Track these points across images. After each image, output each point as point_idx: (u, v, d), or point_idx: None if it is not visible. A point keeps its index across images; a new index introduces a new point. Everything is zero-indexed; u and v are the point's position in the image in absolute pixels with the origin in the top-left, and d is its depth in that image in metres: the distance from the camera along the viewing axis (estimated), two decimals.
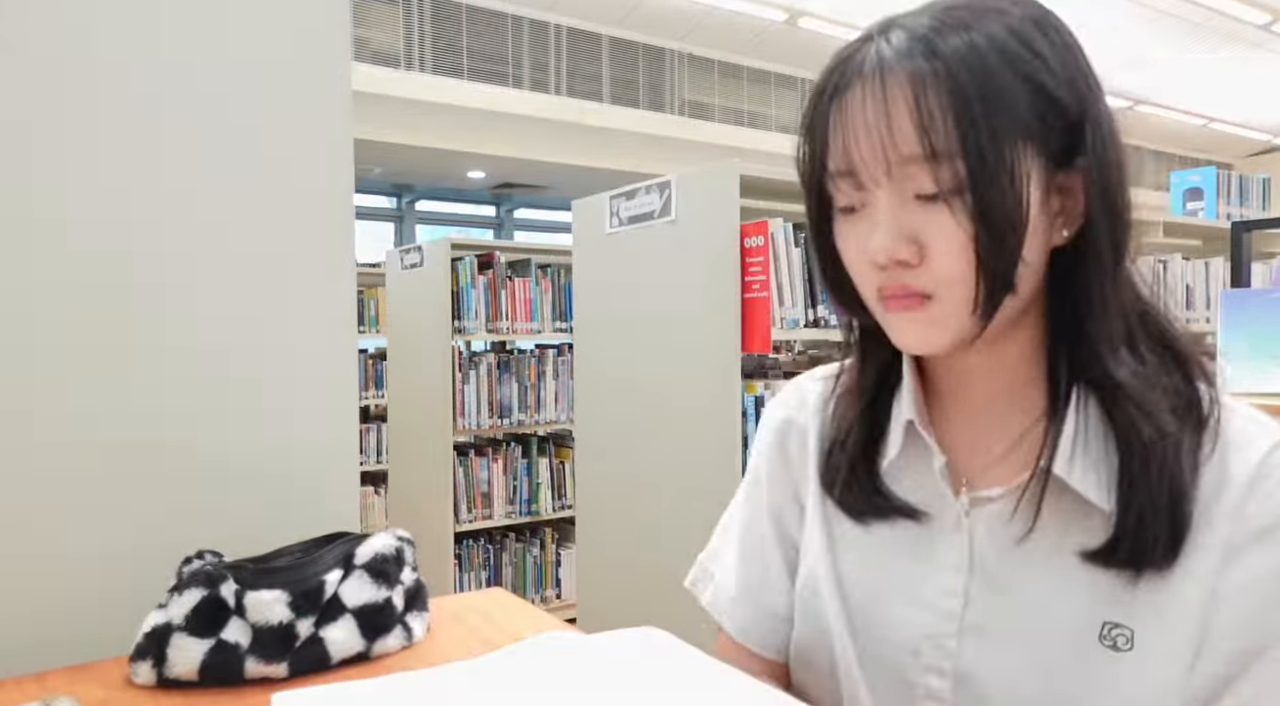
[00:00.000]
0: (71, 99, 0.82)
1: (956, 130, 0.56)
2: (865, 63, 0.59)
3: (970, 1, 0.59)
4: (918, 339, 0.62)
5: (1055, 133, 0.59)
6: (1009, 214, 0.57)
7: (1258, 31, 6.56)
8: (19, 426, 0.79)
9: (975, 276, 0.58)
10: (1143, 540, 0.57)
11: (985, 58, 0.56)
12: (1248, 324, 2.06)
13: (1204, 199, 3.28)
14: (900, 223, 0.59)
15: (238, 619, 0.72)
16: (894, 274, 0.60)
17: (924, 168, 0.57)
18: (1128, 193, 0.61)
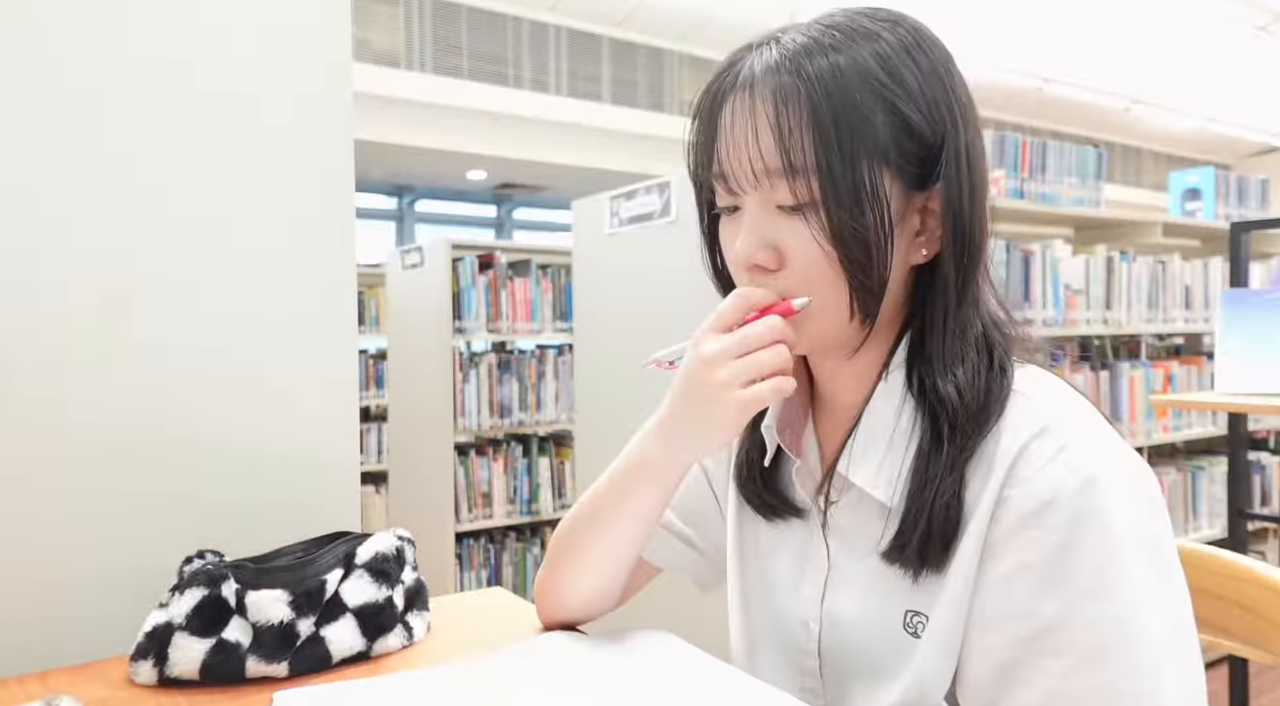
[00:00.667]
0: (72, 99, 0.82)
1: (813, 147, 0.59)
2: (740, 74, 0.63)
3: (850, 22, 0.62)
4: None
5: (912, 158, 0.62)
6: (860, 229, 0.60)
7: (1258, 31, 6.56)
8: (19, 427, 0.79)
9: (831, 285, 0.62)
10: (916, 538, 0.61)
11: (848, 82, 0.59)
12: (1247, 324, 2.06)
13: (1203, 199, 3.28)
14: (762, 230, 0.63)
15: (238, 618, 0.72)
16: (758, 278, 0.64)
17: (783, 180, 0.60)
18: (982, 218, 0.64)
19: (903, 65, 0.61)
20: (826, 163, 0.59)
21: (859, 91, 0.59)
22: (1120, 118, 8.25)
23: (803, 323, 0.64)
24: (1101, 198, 2.86)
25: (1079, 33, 6.35)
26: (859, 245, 0.60)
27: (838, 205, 0.59)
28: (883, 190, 0.60)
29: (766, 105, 0.61)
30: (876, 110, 0.60)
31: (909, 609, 0.63)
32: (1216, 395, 2.11)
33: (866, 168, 0.60)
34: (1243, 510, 2.39)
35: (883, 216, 0.60)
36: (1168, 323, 2.89)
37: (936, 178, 0.62)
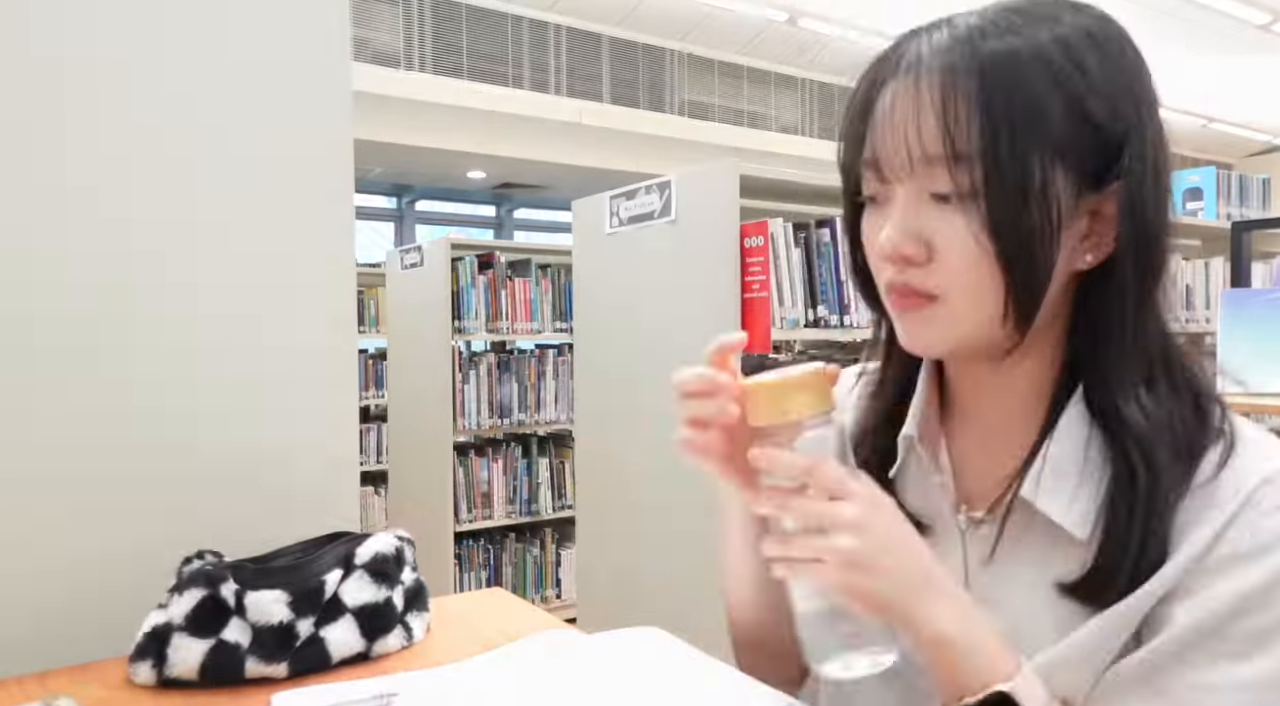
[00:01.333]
0: (72, 99, 0.82)
1: (980, 134, 0.55)
2: (905, 57, 0.58)
3: (1029, 5, 0.58)
4: (917, 339, 0.62)
5: (1089, 153, 0.57)
6: (1024, 225, 0.55)
7: (1258, 31, 6.55)
8: (19, 427, 0.79)
9: (985, 283, 0.57)
10: (1113, 576, 0.56)
11: (1023, 66, 0.55)
12: (1248, 324, 2.06)
13: (1204, 199, 3.28)
14: (911, 219, 0.58)
15: (238, 619, 0.72)
16: (901, 270, 0.59)
17: (944, 168, 0.56)
18: (1166, 223, 0.59)
19: (1085, 51, 0.56)
20: (994, 150, 0.54)
21: (1035, 77, 0.55)
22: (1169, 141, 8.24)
23: (943, 321, 0.59)
24: None
25: None
26: (1020, 242, 0.55)
27: (1001, 197, 0.55)
28: (1053, 185, 0.55)
29: (933, 87, 0.56)
30: (1053, 98, 0.55)
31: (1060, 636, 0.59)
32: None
33: (1037, 159, 0.55)
34: None
35: (1050, 213, 0.55)
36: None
37: (1116, 176, 0.57)
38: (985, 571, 0.63)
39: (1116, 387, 0.59)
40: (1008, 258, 0.56)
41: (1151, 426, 0.57)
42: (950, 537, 0.66)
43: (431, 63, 5.68)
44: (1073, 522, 0.59)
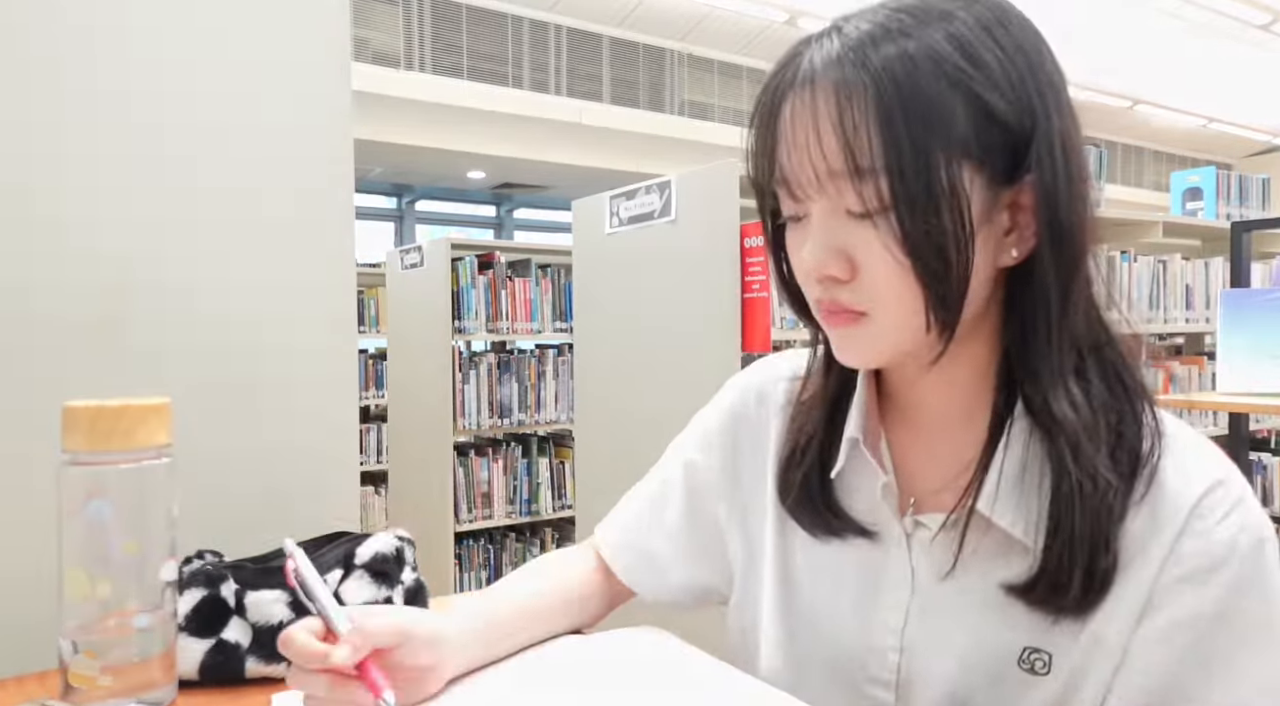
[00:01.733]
0: (72, 99, 0.82)
1: (881, 147, 0.53)
2: (799, 70, 0.57)
3: (921, 2, 0.56)
4: (849, 354, 0.61)
5: (998, 149, 0.55)
6: (938, 233, 0.54)
7: (1258, 31, 6.55)
8: (19, 427, 0.79)
9: (909, 295, 0.56)
10: (1061, 582, 0.56)
11: (918, 69, 0.53)
12: (1247, 324, 2.06)
13: (1204, 199, 3.28)
14: (831, 238, 0.57)
15: (238, 618, 0.72)
16: (828, 288, 0.59)
17: (850, 184, 0.55)
18: (1085, 211, 0.58)
19: (982, 46, 0.55)
20: (897, 163, 0.53)
21: (932, 80, 0.53)
22: (1121, 117, 8.25)
23: (873, 336, 0.59)
24: (1102, 197, 2.85)
25: (1079, 33, 6.35)
26: (935, 253, 0.55)
27: (910, 210, 0.54)
28: (963, 188, 0.54)
29: (828, 102, 0.55)
30: (954, 99, 0.54)
31: (1028, 646, 0.59)
32: (1217, 395, 2.10)
33: (943, 165, 0.54)
34: None
35: (962, 218, 0.54)
36: (1168, 322, 2.89)
37: (1028, 168, 0.56)
38: (932, 574, 0.63)
39: (1046, 382, 0.58)
40: (925, 269, 0.55)
41: (1082, 421, 0.57)
42: (895, 542, 0.65)
43: (431, 63, 5.68)
44: (1023, 531, 0.58)
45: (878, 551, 0.66)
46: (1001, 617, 0.60)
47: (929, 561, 0.63)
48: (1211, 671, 0.55)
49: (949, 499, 0.62)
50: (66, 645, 0.62)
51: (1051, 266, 0.57)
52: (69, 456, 0.63)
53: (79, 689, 0.61)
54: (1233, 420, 2.39)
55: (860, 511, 0.67)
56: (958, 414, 0.64)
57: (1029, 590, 0.58)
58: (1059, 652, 0.58)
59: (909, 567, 0.64)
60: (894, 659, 0.64)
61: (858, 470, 0.67)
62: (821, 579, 0.68)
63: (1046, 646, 0.58)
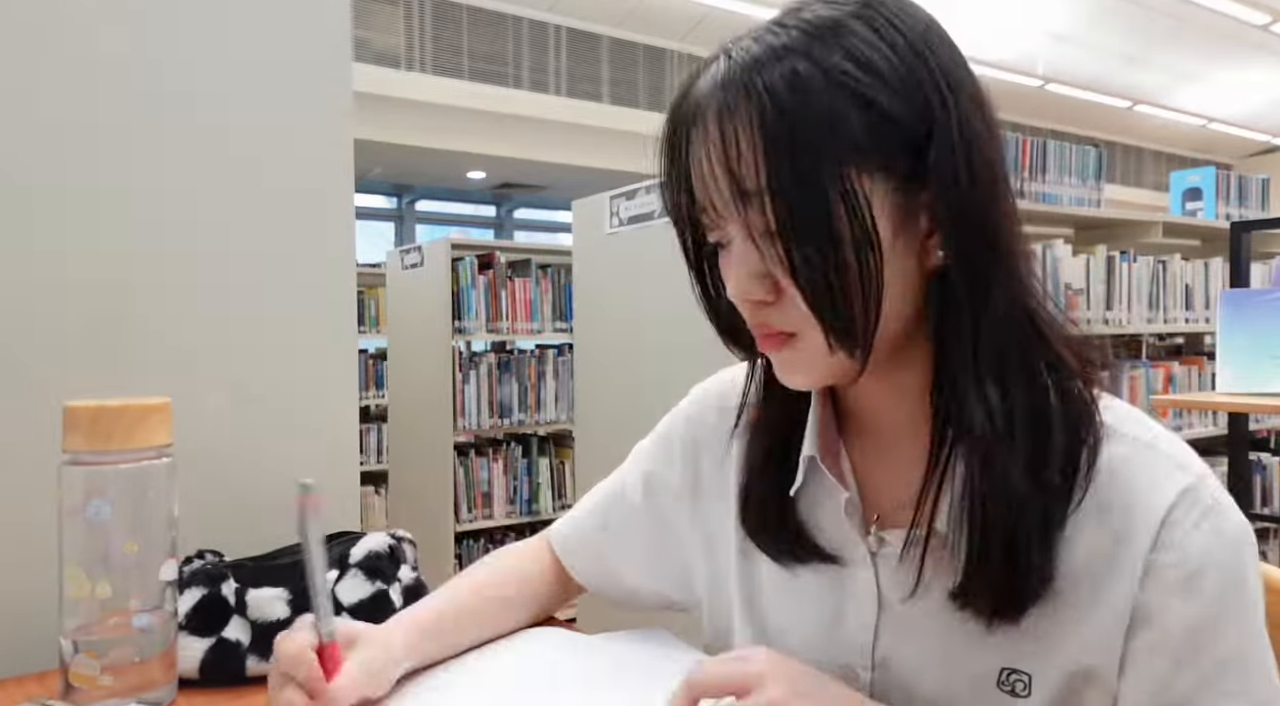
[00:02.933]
0: (71, 99, 0.82)
1: (765, 169, 0.52)
2: (692, 97, 0.56)
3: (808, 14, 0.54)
4: (792, 377, 0.59)
5: (898, 152, 0.53)
6: (833, 255, 0.52)
7: (1258, 31, 6.56)
8: (19, 427, 0.79)
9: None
10: (984, 587, 0.55)
11: (808, 88, 0.51)
12: (1247, 324, 2.06)
13: (1203, 199, 3.28)
14: (750, 261, 0.55)
15: (238, 617, 0.72)
16: (757, 312, 0.57)
17: (753, 206, 0.53)
18: (998, 206, 0.55)
19: (873, 51, 0.52)
20: (779, 185, 0.52)
21: (822, 95, 0.51)
22: (1120, 118, 8.25)
23: (807, 355, 0.57)
24: (1102, 197, 2.86)
25: (1079, 33, 6.35)
26: (823, 279, 0.52)
27: (798, 234, 0.52)
28: (862, 201, 0.52)
29: (712, 129, 0.54)
30: (847, 109, 0.51)
31: (1005, 666, 0.57)
32: (1217, 395, 2.11)
33: (837, 181, 0.51)
34: (1244, 510, 2.39)
35: (866, 234, 0.52)
36: (1168, 323, 2.89)
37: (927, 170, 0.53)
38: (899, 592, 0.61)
39: (961, 389, 0.55)
40: (815, 295, 0.53)
41: (996, 429, 0.54)
42: (860, 561, 0.63)
43: (431, 63, 5.68)
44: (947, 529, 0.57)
45: (844, 572, 0.64)
46: (973, 637, 0.58)
47: (895, 581, 0.61)
48: (1208, 678, 0.54)
49: (908, 516, 0.60)
50: (67, 645, 0.62)
51: (964, 268, 0.54)
52: (69, 456, 0.63)
53: (80, 688, 0.62)
54: (1233, 420, 2.39)
55: (824, 531, 0.64)
56: (908, 426, 0.62)
57: (960, 594, 0.56)
58: (1038, 675, 0.57)
59: (875, 586, 0.62)
60: (865, 677, 0.62)
61: (818, 489, 0.64)
62: (787, 602, 0.67)
63: (1024, 667, 0.57)
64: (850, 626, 0.63)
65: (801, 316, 0.55)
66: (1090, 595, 0.55)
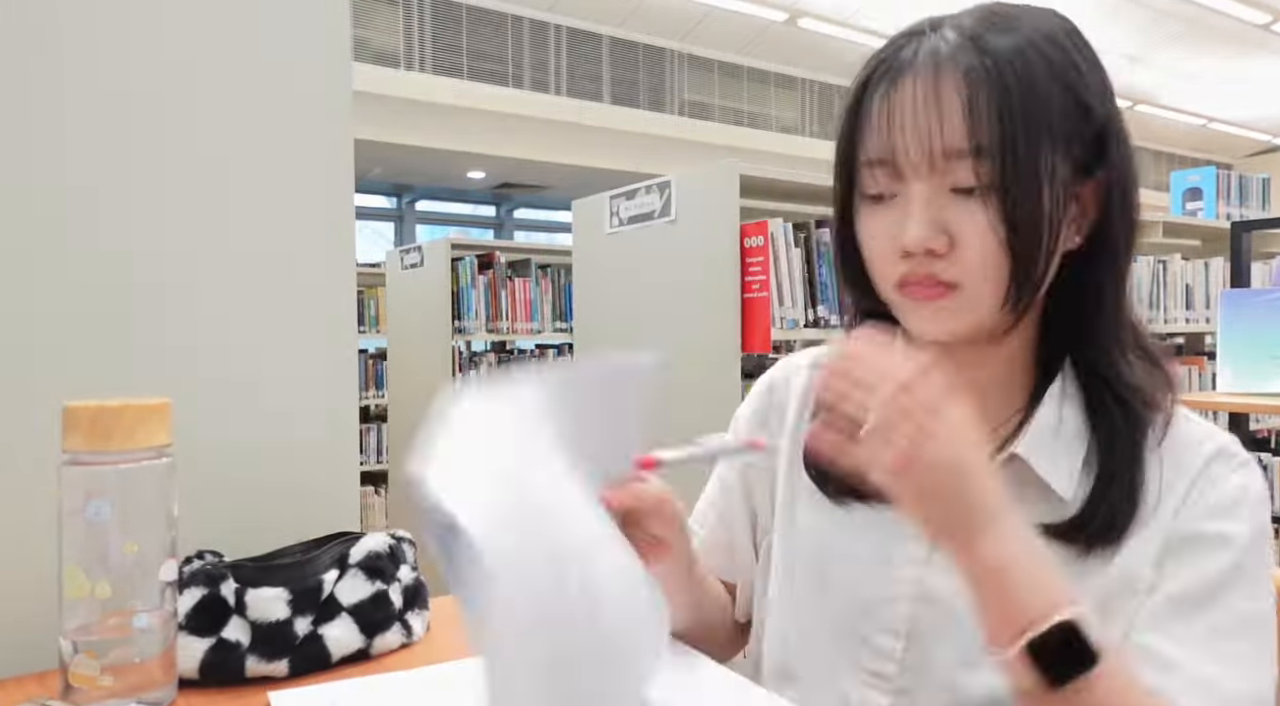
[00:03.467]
0: (71, 99, 0.82)
1: (999, 129, 0.58)
2: (919, 55, 0.61)
3: (1011, 10, 0.62)
4: (939, 328, 0.64)
5: (1083, 142, 0.61)
6: (1038, 214, 0.59)
7: (1258, 31, 6.56)
8: (19, 427, 0.79)
9: (1002, 270, 0.61)
10: (1097, 527, 0.62)
11: (1031, 62, 0.59)
12: (1247, 324, 2.06)
13: (1204, 199, 3.28)
14: (936, 213, 0.61)
15: (238, 617, 0.72)
16: (921, 263, 0.62)
17: (965, 162, 0.59)
18: (1139, 202, 0.65)
19: (1073, 50, 0.62)
20: (1012, 145, 0.59)
21: (1043, 75, 0.59)
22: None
23: (961, 308, 0.63)
24: None
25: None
26: (1032, 232, 0.60)
27: (1018, 190, 0.59)
28: (1059, 176, 0.60)
29: (958, 85, 0.59)
30: (1058, 92, 0.60)
31: None
32: (1217, 395, 2.11)
33: (1047, 151, 0.59)
34: None
35: (1058, 203, 0.60)
36: (1169, 322, 2.89)
37: (1102, 162, 0.62)
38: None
39: (1115, 354, 0.65)
40: (1019, 246, 0.60)
41: (1136, 387, 0.64)
42: None
43: (431, 63, 5.68)
44: (1060, 482, 0.64)
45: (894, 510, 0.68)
46: None
47: None
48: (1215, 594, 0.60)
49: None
50: (67, 645, 0.62)
51: (1121, 244, 0.64)
52: (69, 456, 0.63)
53: (79, 689, 0.62)
54: (1233, 420, 2.39)
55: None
56: (995, 386, 0.68)
57: (1065, 531, 0.62)
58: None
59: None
60: (905, 609, 0.67)
61: None
62: (837, 538, 0.72)
63: None
64: (898, 561, 0.68)
65: (973, 268, 0.61)
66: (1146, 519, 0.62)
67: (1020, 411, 0.68)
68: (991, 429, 0.66)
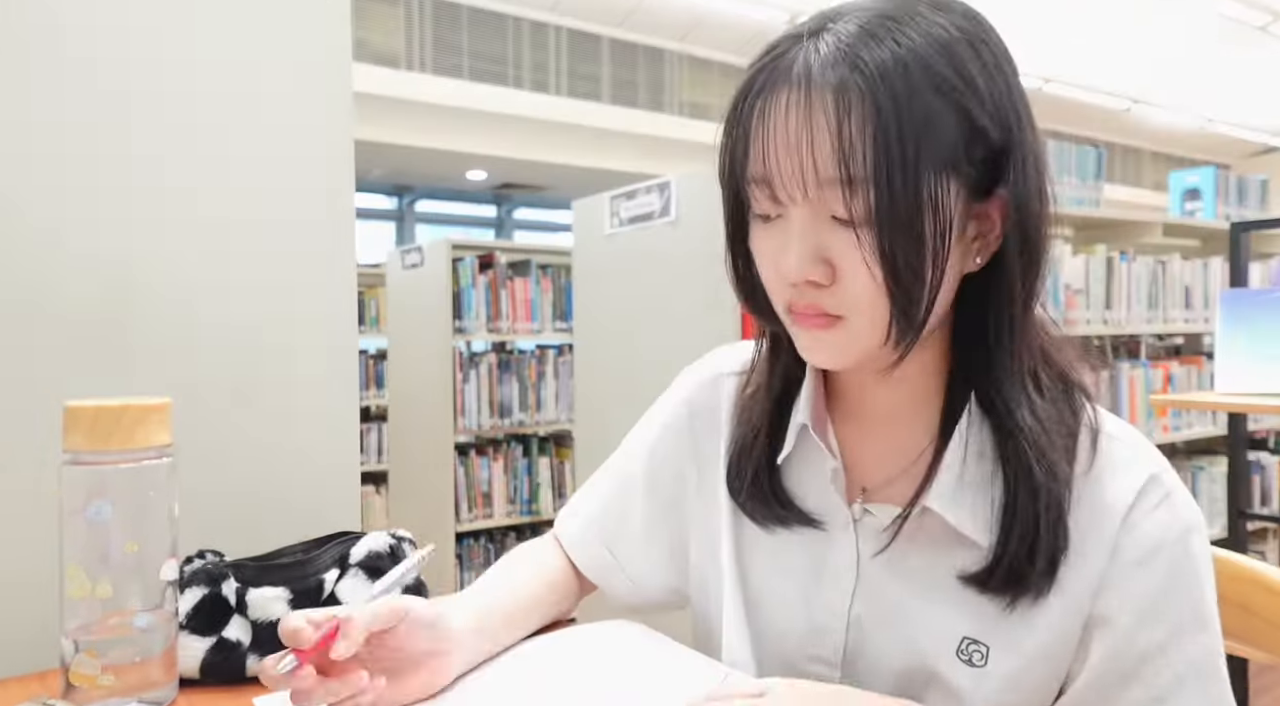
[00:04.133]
0: (72, 99, 0.82)
1: (874, 158, 0.53)
2: (793, 68, 0.55)
3: (905, 8, 0.56)
4: (824, 357, 0.61)
5: (977, 163, 0.56)
6: (918, 247, 0.55)
7: (1257, 32, 6.56)
8: (20, 427, 0.79)
9: (882, 306, 0.57)
10: (1020, 571, 0.59)
11: (913, 80, 0.53)
12: (1246, 324, 2.06)
13: (1202, 199, 3.28)
14: (813, 243, 0.57)
15: (239, 617, 0.72)
16: (804, 292, 0.58)
17: (839, 192, 0.55)
18: (1047, 224, 0.60)
19: (968, 59, 0.55)
20: (886, 176, 0.53)
21: (925, 92, 0.53)
22: (1120, 118, 8.25)
23: (846, 340, 0.59)
24: (1101, 197, 2.86)
25: (1079, 32, 6.35)
26: (910, 267, 0.55)
27: (893, 223, 0.54)
28: (946, 203, 0.55)
29: (826, 106, 0.54)
30: (944, 112, 0.54)
31: (965, 636, 0.61)
32: (1216, 395, 2.11)
33: (930, 179, 0.54)
34: (1243, 510, 2.39)
35: (943, 233, 0.55)
36: (1168, 323, 2.89)
37: (1003, 182, 0.57)
38: (877, 559, 0.65)
39: (1008, 388, 0.60)
40: (896, 283, 0.55)
41: (1042, 425, 0.60)
42: (841, 527, 0.67)
43: (431, 63, 5.68)
44: (972, 528, 0.61)
45: (824, 538, 0.68)
46: (944, 604, 0.62)
47: (875, 547, 0.65)
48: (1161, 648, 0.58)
49: (897, 491, 0.65)
50: (68, 644, 0.62)
51: (1019, 274, 0.59)
52: (70, 456, 0.63)
53: (80, 688, 0.62)
54: (1232, 420, 2.39)
55: (808, 499, 0.68)
56: (905, 410, 0.66)
57: (986, 579, 0.60)
58: (996, 647, 0.60)
59: (854, 552, 0.66)
60: (838, 639, 0.66)
61: (805, 458, 0.69)
62: (771, 566, 0.70)
63: (985, 639, 0.61)
64: (826, 590, 0.67)
65: (855, 301, 0.57)
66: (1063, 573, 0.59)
67: (930, 445, 0.64)
68: (901, 470, 0.65)
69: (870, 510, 0.66)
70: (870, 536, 0.66)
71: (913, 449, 0.65)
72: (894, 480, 0.66)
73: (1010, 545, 0.59)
